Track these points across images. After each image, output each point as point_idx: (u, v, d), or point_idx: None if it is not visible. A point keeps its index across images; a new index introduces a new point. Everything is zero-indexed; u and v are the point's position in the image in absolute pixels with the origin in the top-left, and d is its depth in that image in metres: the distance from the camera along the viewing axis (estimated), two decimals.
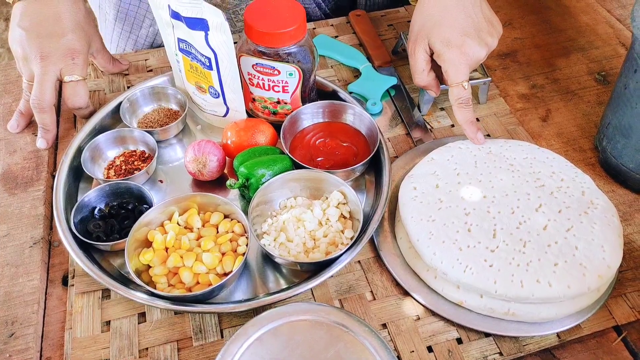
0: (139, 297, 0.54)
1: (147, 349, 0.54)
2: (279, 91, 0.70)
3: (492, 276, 0.54)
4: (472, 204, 0.60)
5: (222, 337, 0.55)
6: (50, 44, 0.70)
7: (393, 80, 0.81)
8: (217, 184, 0.69)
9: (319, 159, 0.69)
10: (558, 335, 0.56)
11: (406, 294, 0.59)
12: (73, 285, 0.58)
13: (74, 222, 0.60)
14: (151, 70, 0.84)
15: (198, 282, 0.56)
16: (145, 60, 0.85)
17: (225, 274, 0.57)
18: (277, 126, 0.71)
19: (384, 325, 0.56)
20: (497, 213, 0.59)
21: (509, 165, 0.64)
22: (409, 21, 0.92)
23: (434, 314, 0.57)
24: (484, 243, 0.57)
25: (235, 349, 0.48)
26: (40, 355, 0.54)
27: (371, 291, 0.59)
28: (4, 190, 0.68)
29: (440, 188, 0.63)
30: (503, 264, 0.55)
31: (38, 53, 0.69)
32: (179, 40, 0.68)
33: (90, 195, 0.62)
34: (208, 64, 0.66)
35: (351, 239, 0.61)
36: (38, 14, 0.70)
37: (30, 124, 0.75)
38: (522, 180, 0.62)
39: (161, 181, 0.69)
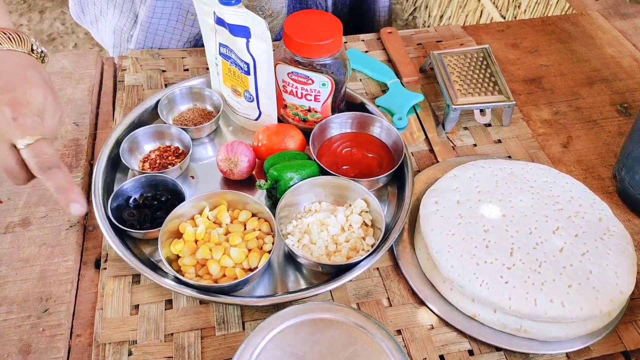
0: (168, 283, 0.57)
1: (172, 334, 0.57)
2: (310, 100, 0.73)
3: (507, 292, 0.56)
4: (492, 222, 0.63)
5: (243, 329, 0.58)
6: None
7: (419, 97, 0.84)
8: (245, 183, 0.72)
9: (345, 167, 0.72)
10: (567, 355, 0.58)
11: (422, 303, 0.61)
12: (105, 268, 0.61)
13: (110, 209, 0.63)
14: (187, 70, 0.88)
15: (224, 275, 0.59)
16: (182, 58, 0.89)
17: (251, 269, 0.59)
18: (305, 133, 0.74)
19: (399, 332, 0.58)
20: (515, 232, 0.61)
21: (529, 187, 0.67)
22: (439, 41, 0.96)
23: (447, 324, 0.59)
24: (501, 260, 0.59)
25: (259, 340, 0.50)
26: (71, 332, 0.57)
27: (388, 298, 0.61)
28: None
29: (461, 204, 0.65)
30: (518, 282, 0.57)
31: None
32: (221, 45, 0.71)
33: (127, 185, 0.66)
34: (246, 69, 0.70)
35: (372, 246, 0.63)
36: None
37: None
38: (541, 202, 0.65)
39: (192, 177, 0.72)
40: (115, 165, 0.72)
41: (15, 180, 0.55)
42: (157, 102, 0.77)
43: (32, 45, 0.60)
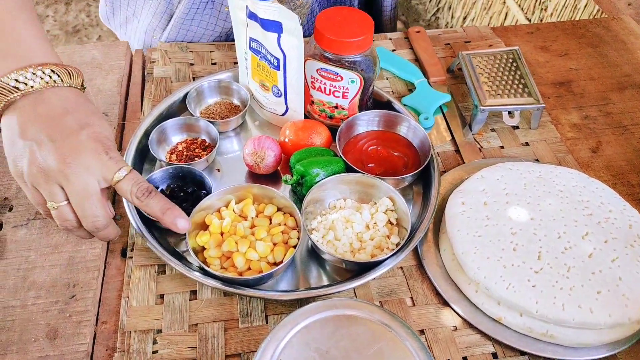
0: (194, 274, 0.58)
1: (196, 324, 0.57)
2: (338, 96, 0.73)
3: (534, 296, 0.56)
4: (519, 224, 0.62)
5: (266, 322, 0.58)
6: (73, 143, 0.52)
7: (447, 97, 0.83)
8: (270, 178, 0.72)
9: (370, 165, 0.72)
10: None
11: (445, 304, 0.60)
12: (132, 257, 0.62)
13: None
14: (215, 64, 0.88)
15: (249, 268, 0.59)
16: (210, 52, 0.90)
17: (276, 263, 0.60)
18: (331, 130, 0.74)
19: (422, 332, 0.58)
20: (544, 236, 0.61)
21: (558, 191, 0.66)
22: (467, 41, 0.95)
23: (471, 326, 0.59)
24: (529, 263, 0.58)
25: (283, 334, 0.50)
26: (97, 319, 0.58)
27: (411, 297, 0.61)
28: None
29: (488, 206, 0.64)
30: (546, 286, 0.56)
31: (61, 161, 0.51)
32: (251, 39, 0.72)
33: (155, 176, 0.66)
34: (276, 64, 0.70)
35: (397, 245, 0.63)
36: (38, 116, 0.53)
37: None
38: (570, 207, 0.64)
39: (218, 170, 0.73)
40: (143, 156, 0.72)
41: (102, 233, 0.56)
42: (186, 94, 0.77)
43: (82, 79, 0.59)
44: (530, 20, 1.84)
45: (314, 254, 0.65)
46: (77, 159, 0.51)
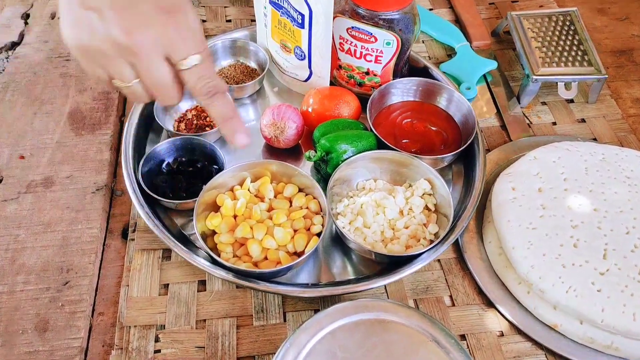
0: (201, 263, 0.50)
1: (204, 320, 0.50)
2: (370, 61, 0.63)
3: (599, 303, 0.47)
4: (581, 216, 0.53)
5: (284, 320, 0.50)
6: (140, 14, 0.41)
7: (492, 64, 0.73)
8: (290, 152, 0.64)
9: (404, 140, 0.63)
10: None
11: (490, 305, 0.53)
12: (133, 239, 0.55)
13: (141, 173, 0.56)
14: (230, 21, 0.79)
15: (266, 258, 0.51)
16: (225, 7, 0.80)
17: (296, 253, 0.52)
18: (360, 99, 0.65)
19: (463, 337, 0.50)
20: (610, 231, 0.52)
21: (625, 178, 0.56)
22: (514, 1, 0.84)
23: (520, 332, 0.51)
24: (593, 263, 0.50)
25: (306, 339, 0.43)
26: (93, 310, 0.51)
27: (450, 296, 0.53)
28: (70, 130, 0.64)
29: (544, 193, 0.55)
30: (614, 291, 0.48)
31: (126, 32, 0.40)
32: None
33: (160, 147, 0.58)
34: (300, 22, 0.60)
35: (435, 235, 0.54)
36: None
37: None
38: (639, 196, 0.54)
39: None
40: (149, 123, 0.64)
41: (165, 100, 0.46)
42: None
43: None
44: None
45: (338, 241, 0.57)
46: (144, 32, 0.41)
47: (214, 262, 0.50)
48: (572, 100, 0.72)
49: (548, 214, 0.53)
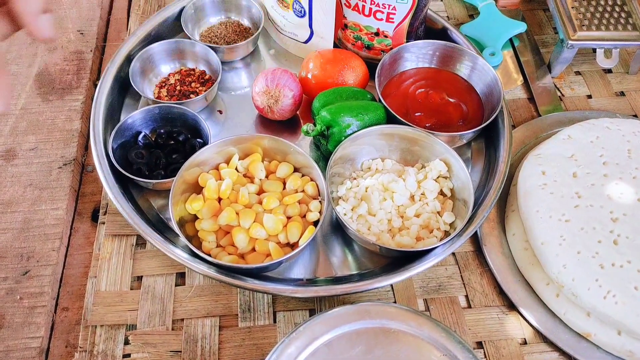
0: (179, 255, 0.43)
1: (182, 320, 0.43)
2: (381, 19, 0.54)
3: None
4: (622, 208, 0.45)
5: (274, 321, 0.44)
6: None
7: (521, 27, 0.64)
8: (286, 125, 0.56)
9: (417, 113, 0.55)
10: None
11: (512, 307, 0.46)
12: (104, 223, 0.48)
13: (112, 147, 0.48)
14: None
15: (254, 249, 0.44)
16: None
17: (289, 245, 0.45)
18: (368, 64, 0.56)
19: (480, 344, 0.44)
20: None
21: None
22: None
23: (546, 340, 0.44)
24: (637, 264, 0.42)
25: (297, 351, 0.36)
26: (56, 304, 0.45)
27: (466, 295, 0.46)
28: (37, 95, 0.57)
29: (579, 179, 0.47)
30: None
31: None
32: None
33: (135, 117, 0.50)
34: None
35: (451, 225, 0.47)
36: None
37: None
38: None
39: (220, 111, 0.57)
40: (125, 89, 0.56)
41: None
42: (181, 10, 0.59)
43: None
44: None
45: (339, 229, 0.50)
46: None
47: (194, 255, 0.43)
48: (609, 71, 0.63)
49: (584, 204, 0.46)
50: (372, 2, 0.53)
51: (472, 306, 0.46)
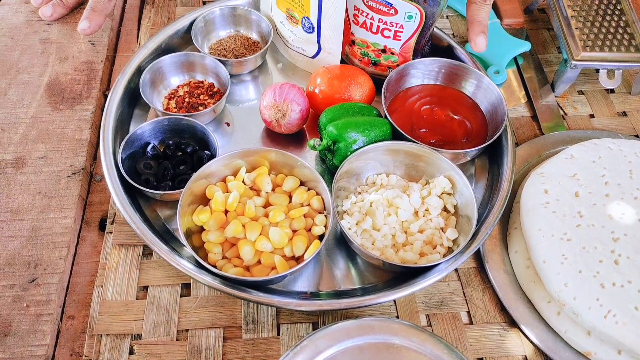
0: (185, 266, 0.44)
1: (187, 330, 0.44)
2: (388, 37, 0.55)
3: None
4: (624, 228, 0.46)
5: (278, 333, 0.44)
6: None
7: (525, 46, 0.65)
8: (292, 139, 0.57)
9: (422, 130, 0.55)
10: None
11: (513, 324, 0.46)
12: (111, 232, 0.49)
13: (121, 157, 0.49)
14: None
15: (259, 262, 0.45)
16: None
17: (294, 258, 0.45)
18: (374, 80, 0.57)
19: None
20: None
21: None
22: None
23: (547, 358, 0.44)
24: (637, 284, 0.43)
25: None
26: (62, 313, 0.45)
27: (468, 312, 0.47)
28: (47, 103, 0.57)
29: (582, 198, 0.48)
30: None
31: None
32: None
33: (144, 128, 0.51)
34: None
35: (454, 242, 0.48)
36: None
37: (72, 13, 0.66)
38: None
39: (228, 124, 0.57)
40: (135, 100, 0.57)
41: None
42: (192, 23, 0.60)
43: None
44: None
45: (343, 242, 0.50)
46: None
47: (200, 266, 0.44)
48: (612, 91, 0.64)
49: (586, 224, 0.46)
50: (380, 20, 0.54)
51: (474, 322, 0.46)
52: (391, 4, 0.52)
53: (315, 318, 0.45)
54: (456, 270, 0.49)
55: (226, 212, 0.47)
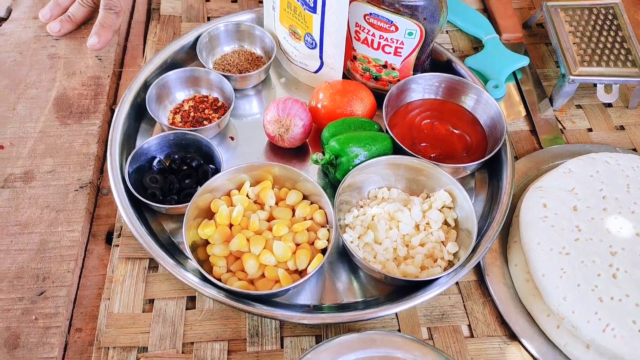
0: (190, 279, 0.45)
1: (192, 343, 0.45)
2: (389, 52, 0.57)
3: None
4: (621, 242, 0.47)
5: (281, 347, 0.45)
6: None
7: (524, 60, 0.66)
8: (295, 153, 0.58)
9: (423, 144, 0.56)
10: None
11: (513, 337, 0.47)
12: (118, 246, 0.49)
13: (128, 172, 0.50)
14: (236, 1, 0.72)
15: (263, 275, 0.46)
16: None
17: (297, 272, 0.46)
18: (376, 95, 0.58)
19: None
20: None
21: None
22: None
23: None
24: (635, 298, 0.43)
25: None
26: (70, 325, 0.46)
27: (469, 325, 0.47)
28: (55, 118, 0.59)
29: (580, 212, 0.49)
30: None
31: None
32: None
33: (151, 143, 0.52)
34: (312, 5, 0.54)
35: (455, 255, 0.48)
36: None
37: (80, 29, 0.67)
38: None
39: (232, 138, 0.59)
40: (141, 115, 0.58)
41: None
42: (197, 39, 0.62)
43: None
44: None
45: (345, 256, 0.51)
46: None
47: (205, 279, 0.45)
48: (610, 105, 0.65)
49: (584, 238, 0.47)
50: (381, 37, 0.55)
51: (475, 335, 0.47)
52: (392, 21, 0.53)
53: (319, 331, 0.46)
54: (457, 283, 0.50)
55: (231, 225, 0.48)
